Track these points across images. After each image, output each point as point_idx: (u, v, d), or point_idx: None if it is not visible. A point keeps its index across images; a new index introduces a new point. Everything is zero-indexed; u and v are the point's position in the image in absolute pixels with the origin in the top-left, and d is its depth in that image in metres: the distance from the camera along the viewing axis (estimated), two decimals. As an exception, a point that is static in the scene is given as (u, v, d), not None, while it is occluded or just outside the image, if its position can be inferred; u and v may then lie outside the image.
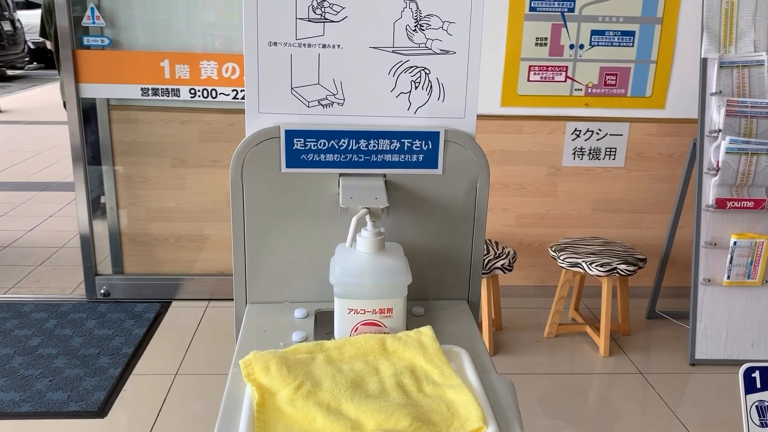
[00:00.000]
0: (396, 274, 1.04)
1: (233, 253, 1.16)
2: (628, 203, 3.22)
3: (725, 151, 2.60)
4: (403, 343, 1.01)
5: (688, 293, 2.77)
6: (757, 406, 1.20)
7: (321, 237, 1.17)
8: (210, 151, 3.08)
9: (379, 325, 1.05)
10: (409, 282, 1.04)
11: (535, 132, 3.09)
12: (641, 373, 2.67)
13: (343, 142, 1.13)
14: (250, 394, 0.91)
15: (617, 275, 2.71)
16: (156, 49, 2.93)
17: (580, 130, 3.09)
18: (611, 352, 2.81)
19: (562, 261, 2.78)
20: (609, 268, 2.68)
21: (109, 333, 2.84)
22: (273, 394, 0.91)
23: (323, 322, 1.15)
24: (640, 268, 2.76)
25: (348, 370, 0.95)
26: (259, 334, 1.10)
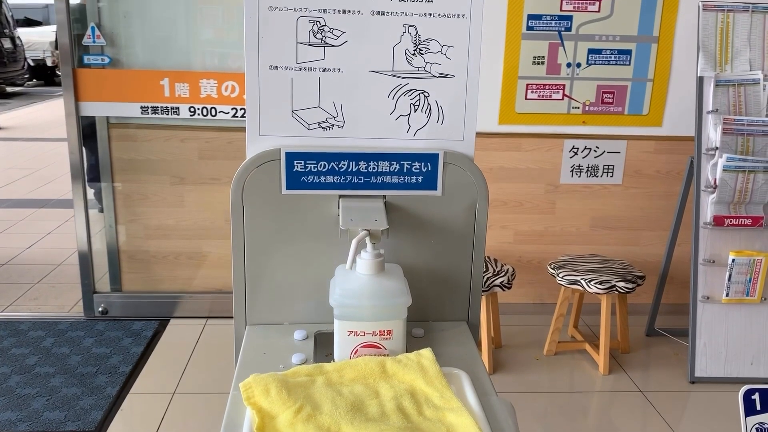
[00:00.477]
0: (396, 296, 1.04)
1: (233, 274, 1.17)
2: (627, 220, 3.23)
3: (722, 169, 2.61)
4: (403, 366, 1.01)
5: (687, 310, 2.77)
6: (757, 429, 1.20)
7: (321, 258, 1.17)
8: (209, 168, 3.09)
9: (379, 347, 1.05)
10: (409, 304, 1.04)
11: (533, 149, 3.10)
12: (641, 391, 2.66)
13: (343, 164, 1.13)
14: (250, 417, 0.91)
15: (616, 293, 2.71)
16: (156, 68, 2.95)
17: (578, 148, 3.11)
18: (611, 370, 2.80)
19: (561, 278, 2.78)
20: (608, 285, 2.68)
21: (107, 351, 2.83)
22: (273, 417, 0.91)
23: (323, 344, 1.15)
24: (639, 286, 2.76)
25: (348, 393, 0.95)
26: (258, 356, 1.10)
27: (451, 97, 1.13)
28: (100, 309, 3.17)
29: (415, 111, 1.13)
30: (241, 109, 2.95)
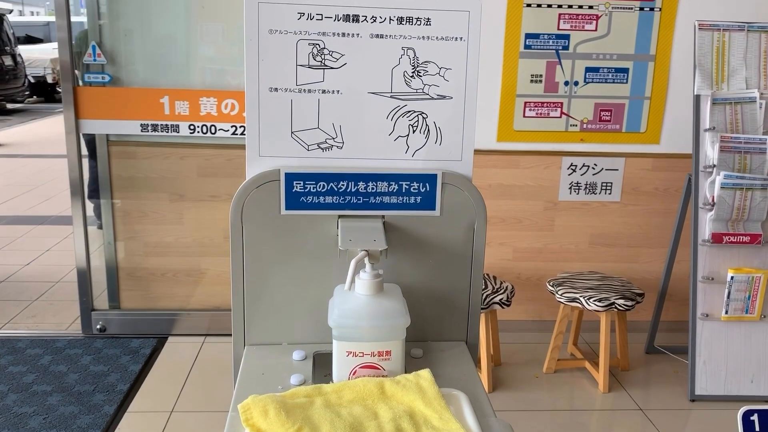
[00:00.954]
0: (394, 317, 1.04)
1: (232, 294, 1.17)
2: (625, 237, 3.23)
3: (720, 187, 2.62)
4: (402, 387, 1.01)
5: (687, 328, 2.76)
6: (757, 450, 1.19)
7: (320, 278, 1.17)
8: (208, 186, 3.10)
9: (378, 368, 1.05)
10: (408, 324, 1.04)
11: (532, 167, 3.12)
12: (641, 409, 2.65)
13: (342, 185, 1.14)
14: (248, 439, 0.90)
15: (615, 310, 2.71)
16: (156, 86, 2.96)
17: (576, 165, 3.12)
18: (610, 388, 2.79)
19: (560, 296, 2.78)
20: (607, 303, 2.68)
21: (105, 369, 2.82)
22: (271, 439, 0.91)
23: (321, 364, 1.14)
24: (638, 303, 2.75)
25: (347, 415, 0.95)
26: (257, 376, 1.10)
27: (449, 118, 1.14)
28: (98, 326, 3.16)
29: (413, 132, 1.14)
30: (240, 126, 2.96)
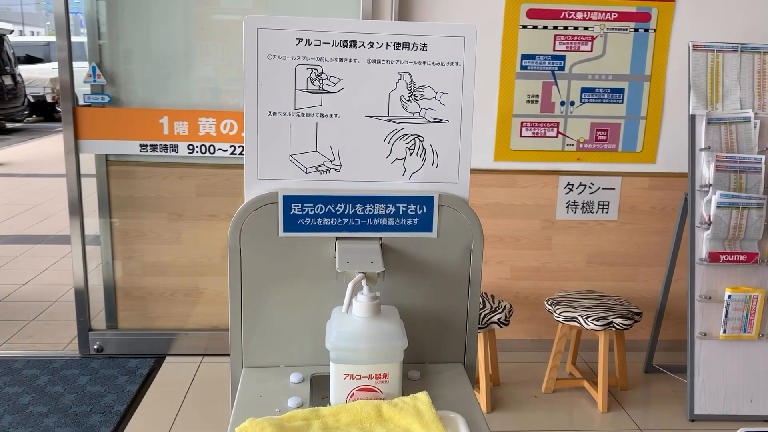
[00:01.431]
0: (392, 339, 1.04)
1: (230, 317, 1.17)
2: (623, 256, 3.24)
3: (716, 206, 2.64)
4: (399, 410, 1.01)
5: (685, 346, 2.76)
6: (755, 471, 1.19)
7: (317, 300, 1.18)
8: (207, 205, 3.10)
9: (375, 391, 1.05)
10: (405, 347, 1.05)
11: (529, 186, 3.13)
12: (640, 429, 2.64)
13: (340, 207, 1.15)
14: (245, 463, 0.90)
15: (613, 329, 2.71)
16: (155, 106, 2.98)
17: (573, 184, 3.13)
18: (610, 408, 2.78)
19: (558, 315, 2.77)
20: (605, 322, 2.68)
21: (102, 390, 2.80)
22: (269, 463, 0.90)
23: (319, 387, 1.14)
24: (636, 322, 2.75)
25: (344, 438, 0.95)
26: (254, 399, 1.10)
27: (445, 141, 1.15)
28: (96, 346, 3.15)
29: (410, 155, 1.15)
30: (239, 146, 2.98)
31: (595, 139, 3.08)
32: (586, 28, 2.96)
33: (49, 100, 12.39)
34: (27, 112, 11.97)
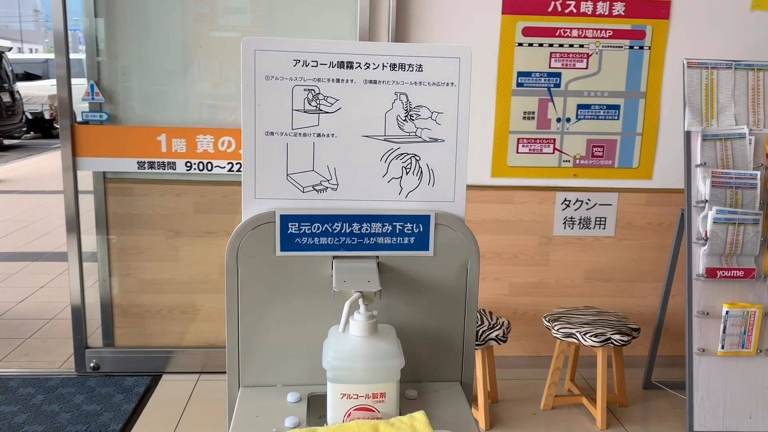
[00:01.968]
0: (389, 358, 1.04)
1: (227, 337, 1.17)
2: (620, 272, 3.24)
3: (713, 221, 2.64)
4: (396, 429, 1.00)
5: (684, 362, 2.75)
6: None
7: (314, 319, 1.17)
8: (204, 222, 3.11)
9: (372, 410, 1.05)
10: (402, 366, 1.05)
11: (526, 202, 3.14)
12: (640, 446, 2.63)
13: (337, 226, 1.15)
14: (242, 485, 0.90)
15: (612, 345, 2.71)
16: (153, 124, 3.00)
17: (570, 200, 3.14)
18: (609, 425, 2.77)
19: (557, 331, 2.77)
20: (603, 338, 2.68)
21: (98, 408, 2.79)
22: (265, 485, 0.90)
23: (316, 406, 1.14)
24: (634, 338, 2.75)
25: (341, 459, 0.94)
26: (251, 419, 1.09)
27: (441, 160, 1.16)
28: (92, 364, 3.13)
29: (406, 174, 1.16)
30: (237, 163, 2.99)
31: (592, 155, 3.10)
32: (581, 46, 2.99)
33: (47, 116, 12.43)
34: (25, 129, 12.00)
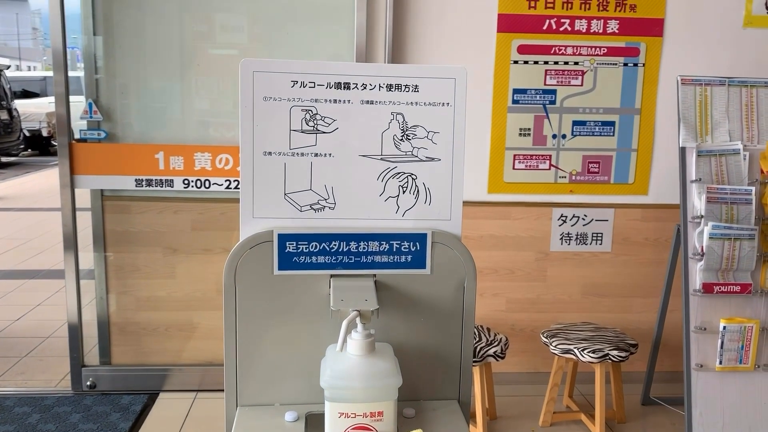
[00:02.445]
0: (386, 377, 1.05)
1: (225, 356, 1.17)
2: (617, 287, 3.24)
3: (708, 237, 2.65)
4: (395, 449, 1.01)
5: (682, 378, 2.75)
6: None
7: (312, 338, 1.18)
8: (202, 239, 3.11)
9: (370, 429, 1.05)
10: (400, 384, 1.05)
11: (523, 218, 3.15)
12: (639, 463, 2.62)
13: (334, 245, 1.16)
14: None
15: (610, 361, 2.70)
16: (151, 141, 3.01)
17: (566, 216, 3.16)
18: (608, 441, 2.76)
19: (554, 347, 2.77)
20: (601, 354, 2.68)
21: (94, 427, 2.77)
22: (263, 505, 0.90)
23: (314, 425, 1.14)
24: (632, 354, 2.75)
25: (339, 479, 0.94)
26: (249, 439, 1.09)
27: (437, 179, 1.17)
28: (89, 383, 3.12)
29: (403, 193, 1.17)
30: (235, 180, 3.00)
31: (587, 171, 3.12)
32: (576, 63, 3.02)
33: (44, 134, 12.44)
34: (23, 146, 12.02)
